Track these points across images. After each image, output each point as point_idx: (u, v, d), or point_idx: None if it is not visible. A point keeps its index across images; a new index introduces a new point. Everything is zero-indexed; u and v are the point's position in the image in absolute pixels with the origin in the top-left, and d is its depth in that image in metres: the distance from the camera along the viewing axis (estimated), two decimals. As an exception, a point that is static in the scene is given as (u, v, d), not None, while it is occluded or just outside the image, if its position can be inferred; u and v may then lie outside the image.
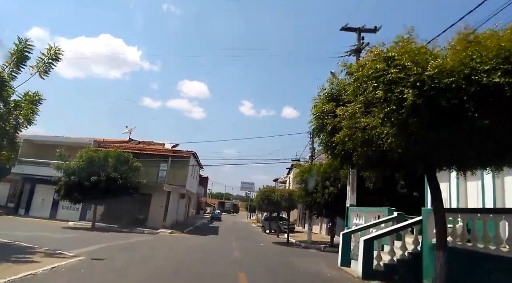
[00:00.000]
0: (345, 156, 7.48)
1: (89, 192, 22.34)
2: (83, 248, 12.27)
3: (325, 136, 8.12)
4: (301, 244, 22.49)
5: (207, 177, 61.08)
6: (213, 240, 21.22)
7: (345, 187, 19.06)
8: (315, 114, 8.55)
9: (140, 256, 11.73)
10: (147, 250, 13.64)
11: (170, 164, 26.75)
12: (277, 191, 23.02)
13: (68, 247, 11.58)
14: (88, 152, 23.07)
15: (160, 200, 27.07)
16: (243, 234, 29.83)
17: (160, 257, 11.80)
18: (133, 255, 11.63)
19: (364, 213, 11.62)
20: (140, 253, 12.60)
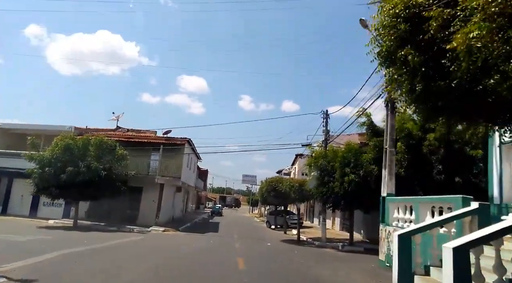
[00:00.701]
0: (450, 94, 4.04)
1: (66, 185, 19.20)
2: (35, 256, 9.17)
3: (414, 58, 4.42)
4: (314, 242, 19.36)
5: (206, 170, 57.91)
6: (211, 240, 18.06)
7: (368, 175, 15.95)
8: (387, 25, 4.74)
9: (97, 271, 8.41)
10: (118, 260, 10.00)
11: (162, 153, 23.51)
12: (285, 181, 19.86)
13: (17, 255, 8.90)
14: (65, 139, 19.83)
15: (152, 193, 23.92)
16: (246, 231, 26.71)
17: (126, 276, 8.43)
18: (88, 269, 8.33)
19: (415, 203, 8.44)
20: (102, 265, 9.04)
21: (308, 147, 18.51)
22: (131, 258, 10.15)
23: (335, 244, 18.52)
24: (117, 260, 9.74)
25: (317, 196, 18.06)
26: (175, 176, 23.54)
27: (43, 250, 10.35)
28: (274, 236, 22.87)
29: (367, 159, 16.21)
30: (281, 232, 26.02)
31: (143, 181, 23.56)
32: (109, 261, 9.62)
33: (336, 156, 17.22)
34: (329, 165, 17.14)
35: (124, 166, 21.57)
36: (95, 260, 9.65)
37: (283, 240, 20.59)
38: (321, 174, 17.45)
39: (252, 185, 71.88)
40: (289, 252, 14.78)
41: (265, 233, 25.11)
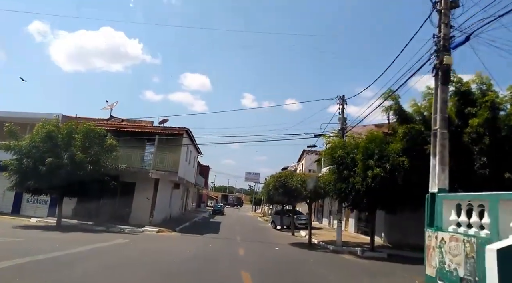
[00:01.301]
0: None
1: (46, 179, 16.85)
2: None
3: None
4: (328, 246, 16.90)
5: (208, 167, 55.47)
6: (211, 243, 15.63)
7: (396, 168, 13.48)
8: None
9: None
10: (68, 278, 7.08)
11: (157, 144, 21.10)
12: (295, 176, 17.38)
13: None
14: (46, 126, 17.46)
15: (146, 190, 21.54)
16: (250, 232, 24.29)
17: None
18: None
19: (492, 202, 5.97)
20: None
21: (323, 137, 16.04)
22: (94, 274, 7.50)
23: (353, 249, 16.06)
24: (67, 278, 7.07)
25: (333, 193, 15.62)
26: (172, 170, 21.13)
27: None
28: (281, 238, 20.43)
29: (394, 149, 13.75)
30: (288, 234, 23.59)
31: (136, 175, 21.19)
32: (53, 279, 6.93)
33: (357, 146, 14.79)
34: (349, 156, 14.70)
35: (114, 158, 19.19)
36: (35, 277, 6.97)
37: (292, 243, 18.14)
38: (338, 168, 15.01)
39: (255, 183, 69.44)
40: (304, 261, 12.31)
41: (271, 235, 22.68)
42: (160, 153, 21.11)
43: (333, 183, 15.29)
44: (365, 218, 20.46)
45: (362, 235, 20.41)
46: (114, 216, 21.64)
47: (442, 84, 8.32)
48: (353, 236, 20.89)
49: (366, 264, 12.60)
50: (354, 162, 14.53)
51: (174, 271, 8.37)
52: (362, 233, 20.57)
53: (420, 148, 13.20)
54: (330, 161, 15.30)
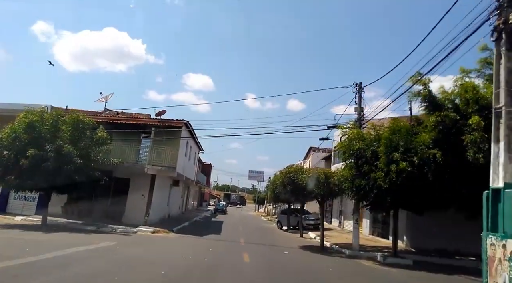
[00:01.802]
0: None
1: (29, 173, 15.12)
2: None
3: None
4: (344, 251, 15.05)
5: (210, 164, 53.64)
6: (211, 247, 13.78)
7: (425, 162, 11.58)
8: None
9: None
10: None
11: (154, 136, 19.30)
12: (306, 172, 15.52)
13: None
14: (29, 115, 15.70)
15: (141, 186, 19.76)
16: (255, 233, 22.47)
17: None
18: None
19: None
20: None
21: (339, 127, 14.16)
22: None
23: (372, 253, 14.22)
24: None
25: (350, 191, 13.76)
26: (170, 166, 19.31)
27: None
28: (289, 241, 18.61)
29: (423, 141, 11.85)
30: (295, 235, 21.76)
31: (131, 171, 19.40)
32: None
33: (378, 138, 12.92)
34: (369, 149, 12.83)
35: (106, 152, 17.38)
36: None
37: (302, 246, 16.31)
38: (357, 162, 13.15)
39: (259, 181, 67.55)
40: (321, 270, 10.48)
41: (277, 236, 20.84)
42: (156, 146, 19.30)
43: (350, 179, 13.44)
44: (381, 219, 18.59)
45: (378, 237, 18.55)
46: (107, 215, 19.90)
47: (507, 49, 6.45)
48: (369, 239, 19.01)
49: (393, 273, 10.74)
50: (376, 155, 12.66)
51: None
52: (378, 235, 18.70)
53: (454, 139, 11.32)
54: (347, 154, 13.42)
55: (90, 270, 7.68)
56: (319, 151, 36.32)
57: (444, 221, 14.19)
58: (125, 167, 19.00)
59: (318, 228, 24.61)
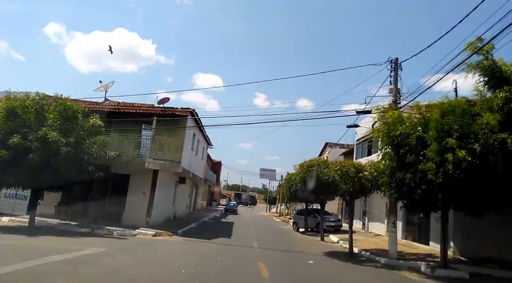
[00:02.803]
0: None
1: (10, 167, 13.09)
2: None
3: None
4: (377, 259, 12.60)
5: (219, 162, 51.44)
6: (219, 254, 11.49)
7: (489, 151, 9.07)
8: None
9: None
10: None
11: (155, 126, 17.10)
12: (332, 165, 13.11)
13: None
14: (9, 101, 13.65)
15: (142, 183, 17.63)
16: (270, 236, 20.13)
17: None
18: None
19: None
20: None
21: (375, 109, 11.69)
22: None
23: (414, 263, 11.72)
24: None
25: (388, 186, 11.31)
26: (173, 160, 17.08)
27: None
28: (310, 246, 16.20)
29: (487, 123, 9.31)
30: (315, 238, 19.32)
31: (131, 166, 17.26)
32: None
33: (425, 122, 10.44)
34: (413, 135, 10.36)
35: (101, 143, 15.22)
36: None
37: (326, 253, 13.89)
38: (397, 151, 10.68)
39: (271, 180, 65.07)
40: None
41: (295, 240, 18.43)
42: (159, 138, 17.09)
43: (389, 172, 11.01)
44: (418, 221, 16.03)
45: (413, 242, 16.00)
46: (105, 215, 17.82)
47: None
48: (402, 244, 16.40)
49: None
50: (422, 143, 10.18)
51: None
52: (414, 240, 16.14)
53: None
54: (385, 142, 10.95)
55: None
56: (336, 146, 33.72)
57: (501, 224, 11.69)
58: (124, 161, 16.87)
59: (338, 230, 22.19)
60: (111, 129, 18.04)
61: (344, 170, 12.58)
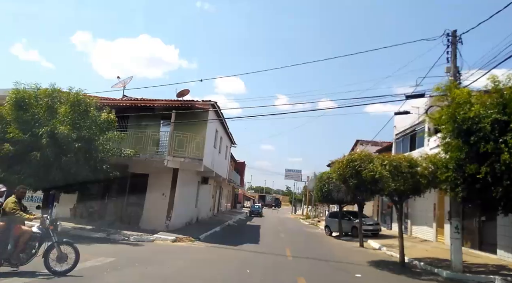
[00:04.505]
0: None
1: (13, 163, 11.90)
2: None
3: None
4: (436, 271, 10.46)
5: (243, 163, 49.77)
6: (248, 265, 9.78)
7: None
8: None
9: None
10: None
11: (174, 120, 15.60)
12: (378, 159, 11.09)
13: None
14: (19, 93, 12.47)
15: (162, 184, 16.19)
16: (302, 242, 18.21)
17: None
18: None
19: None
20: None
21: (435, 89, 9.58)
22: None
23: (485, 277, 9.52)
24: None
25: (452, 183, 9.19)
26: (194, 157, 15.52)
27: None
28: (349, 253, 14.16)
29: None
30: (353, 244, 17.22)
31: (149, 164, 15.84)
32: None
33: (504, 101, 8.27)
34: (487, 118, 8.21)
35: (116, 140, 13.87)
36: None
37: (371, 262, 11.84)
38: (466, 140, 8.56)
39: (296, 181, 62.83)
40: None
41: (331, 246, 16.41)
42: (178, 133, 15.58)
43: (453, 166, 8.91)
44: (478, 225, 13.64)
45: (472, 249, 13.62)
46: (122, 218, 16.52)
47: None
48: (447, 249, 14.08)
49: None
50: (502, 128, 8.04)
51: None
52: (473, 247, 13.75)
53: None
54: (449, 128, 8.86)
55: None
56: (368, 144, 31.32)
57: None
58: (142, 159, 15.48)
59: (377, 235, 19.96)
60: (128, 125, 16.78)
61: (394, 164, 10.53)
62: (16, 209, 6.65)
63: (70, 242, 6.96)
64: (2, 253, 6.42)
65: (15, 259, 6.49)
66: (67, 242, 6.96)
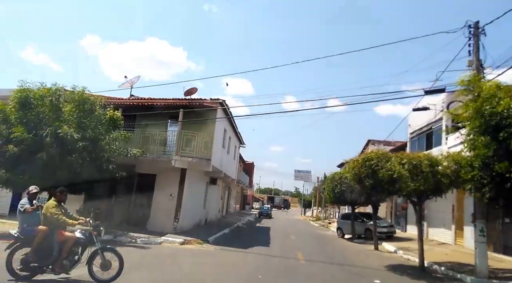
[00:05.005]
0: None
1: (18, 163, 11.59)
2: None
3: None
4: (460, 277, 9.82)
5: (252, 163, 49.31)
6: (259, 270, 9.31)
7: None
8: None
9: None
10: None
11: (182, 119, 15.20)
12: (396, 158, 10.48)
13: None
14: (23, 91, 12.17)
15: (169, 184, 15.79)
16: (314, 244, 17.64)
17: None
18: None
19: None
20: None
21: (460, 82, 8.95)
22: None
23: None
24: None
25: (476, 183, 8.58)
26: (202, 157, 15.09)
27: None
28: (364, 256, 13.55)
29: None
30: (366, 247, 16.56)
31: (156, 165, 15.46)
32: None
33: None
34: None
35: (122, 139, 13.53)
36: None
37: (389, 266, 11.23)
38: (495, 137, 7.95)
39: (305, 182, 62.11)
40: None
41: (345, 249, 15.79)
42: (185, 133, 15.17)
43: (479, 165, 8.31)
44: (501, 227, 12.92)
45: (495, 253, 12.88)
46: (129, 219, 16.15)
47: None
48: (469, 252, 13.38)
49: None
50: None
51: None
52: (496, 251, 13.02)
53: None
54: (476, 124, 8.24)
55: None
56: (380, 143, 30.58)
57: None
58: (149, 159, 15.10)
59: (391, 237, 19.27)
60: (135, 125, 16.44)
61: (414, 163, 9.92)
62: (58, 214, 6.24)
63: (113, 249, 6.52)
64: (46, 259, 6.09)
65: (59, 266, 6.11)
66: (110, 248, 6.53)
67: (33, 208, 6.52)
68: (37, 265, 6.11)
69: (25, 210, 6.43)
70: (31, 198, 6.79)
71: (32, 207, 6.55)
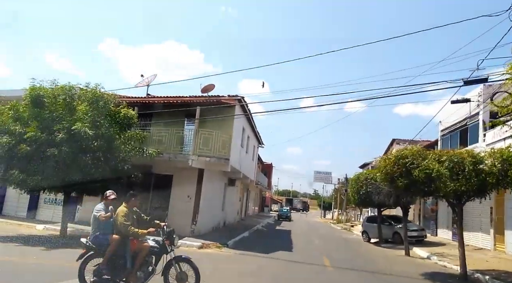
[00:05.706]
0: None
1: (32, 163, 11.19)
2: None
3: None
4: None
5: (271, 164, 48.39)
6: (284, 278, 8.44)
7: None
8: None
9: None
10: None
11: (199, 117, 14.57)
12: (433, 155, 9.45)
13: None
14: (36, 90, 11.79)
15: (187, 185, 15.17)
16: (337, 247, 16.68)
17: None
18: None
19: None
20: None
21: (509, 69, 7.93)
22: None
23: None
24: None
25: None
26: (220, 156, 14.40)
27: None
28: (396, 263, 12.49)
29: None
30: (396, 252, 15.43)
31: (173, 165, 14.87)
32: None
33: None
34: None
35: (138, 138, 13.02)
36: None
37: (426, 275, 10.18)
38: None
39: (325, 184, 60.70)
40: None
41: (373, 255, 14.75)
42: (203, 131, 14.53)
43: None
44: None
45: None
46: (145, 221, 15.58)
47: None
48: None
49: None
50: None
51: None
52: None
53: None
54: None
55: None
56: (406, 142, 29.21)
57: None
58: (165, 159, 14.53)
59: (421, 241, 18.05)
60: (151, 124, 15.95)
61: (455, 161, 8.88)
62: (128, 224, 5.61)
63: (188, 259, 5.89)
64: (119, 271, 5.54)
65: (133, 278, 5.54)
66: (185, 259, 5.90)
67: (106, 215, 5.77)
68: (109, 277, 5.51)
69: (99, 217, 5.78)
70: (108, 203, 6.11)
71: (106, 214, 5.84)
